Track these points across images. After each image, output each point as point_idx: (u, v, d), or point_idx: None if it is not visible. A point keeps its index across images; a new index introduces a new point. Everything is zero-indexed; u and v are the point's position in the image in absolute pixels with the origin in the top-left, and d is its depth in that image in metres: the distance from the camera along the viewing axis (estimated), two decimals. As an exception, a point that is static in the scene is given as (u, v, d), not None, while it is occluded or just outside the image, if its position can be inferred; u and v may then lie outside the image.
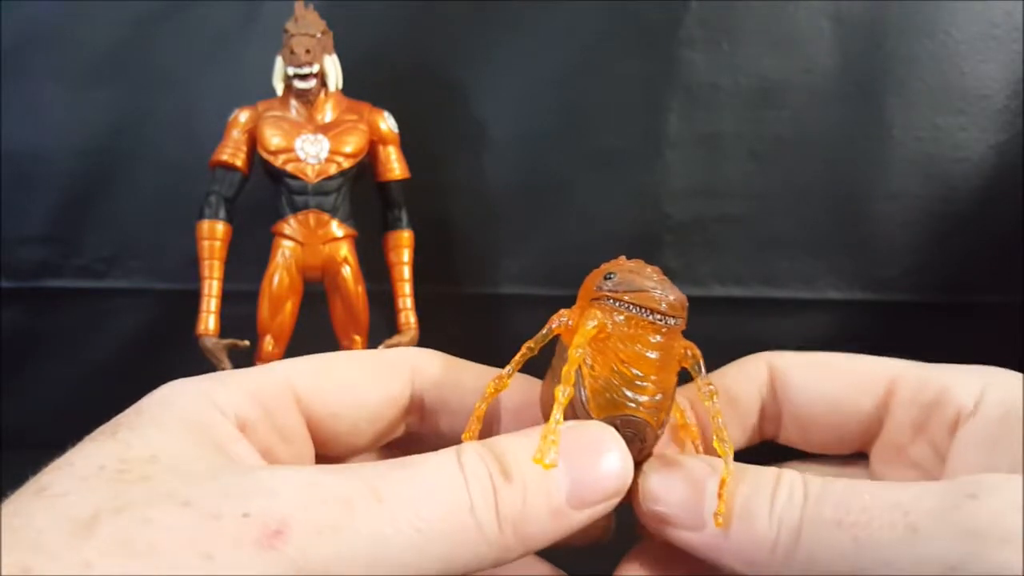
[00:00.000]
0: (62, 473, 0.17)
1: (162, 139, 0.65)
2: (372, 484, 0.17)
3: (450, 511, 0.17)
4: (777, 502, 0.19)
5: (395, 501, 0.17)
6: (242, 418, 0.20)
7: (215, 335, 0.53)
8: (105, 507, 0.16)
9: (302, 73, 0.53)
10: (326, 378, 0.23)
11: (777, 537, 0.19)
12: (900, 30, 0.62)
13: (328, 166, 0.54)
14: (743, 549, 0.19)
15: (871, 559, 0.17)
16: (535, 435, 0.19)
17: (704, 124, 0.64)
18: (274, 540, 0.16)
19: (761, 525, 0.19)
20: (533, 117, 0.65)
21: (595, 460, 0.20)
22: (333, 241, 0.54)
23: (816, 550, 0.18)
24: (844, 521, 0.18)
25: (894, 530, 0.17)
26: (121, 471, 0.17)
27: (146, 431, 0.18)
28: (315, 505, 0.16)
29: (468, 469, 0.18)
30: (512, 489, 0.18)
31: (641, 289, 0.22)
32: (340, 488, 0.17)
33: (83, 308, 0.67)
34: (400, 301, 0.57)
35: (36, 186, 0.65)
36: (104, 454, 0.18)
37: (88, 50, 0.64)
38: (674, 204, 0.65)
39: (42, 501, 0.16)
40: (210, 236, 0.54)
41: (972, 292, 0.66)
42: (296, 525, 0.16)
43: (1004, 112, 0.63)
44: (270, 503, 0.16)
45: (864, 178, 0.65)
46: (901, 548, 0.17)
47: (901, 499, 0.18)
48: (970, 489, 0.17)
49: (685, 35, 0.63)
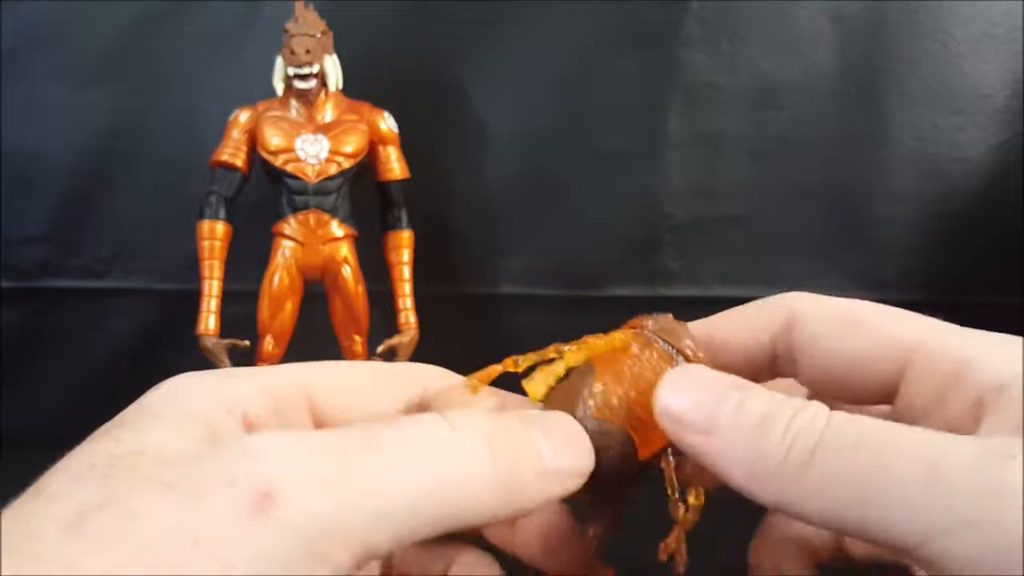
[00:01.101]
0: (57, 475, 0.17)
1: (162, 139, 0.65)
2: (364, 434, 0.17)
3: (450, 461, 0.17)
4: (795, 422, 0.18)
5: (389, 444, 0.17)
6: (251, 415, 0.20)
7: (215, 335, 0.53)
8: (90, 504, 0.16)
9: (302, 73, 0.53)
10: (339, 384, 0.23)
11: (787, 453, 0.18)
12: (900, 30, 0.62)
13: (328, 166, 0.54)
14: (748, 459, 0.19)
15: (884, 492, 0.17)
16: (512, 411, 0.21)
17: (704, 124, 0.64)
18: (264, 504, 0.15)
19: (774, 439, 0.18)
20: (533, 117, 0.65)
21: (567, 436, 0.21)
22: (333, 241, 0.54)
23: (827, 473, 0.18)
24: (864, 448, 0.17)
25: (917, 468, 0.17)
26: (110, 466, 0.17)
27: (140, 427, 0.18)
28: (305, 457, 0.16)
29: (459, 424, 0.18)
30: (503, 444, 0.18)
31: (679, 336, 0.24)
32: (331, 438, 0.16)
33: (83, 308, 0.67)
34: (400, 301, 0.57)
35: (36, 186, 0.65)
36: (96, 452, 0.17)
37: (88, 50, 0.64)
38: (674, 204, 0.65)
39: (37, 504, 0.16)
40: (210, 236, 0.54)
41: (972, 292, 0.66)
42: (287, 482, 0.15)
43: (1004, 112, 0.63)
44: (256, 464, 0.15)
45: (864, 178, 0.65)
46: (920, 487, 0.17)
47: (934, 441, 0.17)
48: (1006, 448, 0.17)
49: (685, 35, 0.63)
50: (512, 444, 0.19)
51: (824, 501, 0.18)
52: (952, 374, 0.20)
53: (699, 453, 0.20)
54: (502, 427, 0.19)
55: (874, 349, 0.22)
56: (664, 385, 0.21)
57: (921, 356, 0.21)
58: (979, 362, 0.20)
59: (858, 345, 0.22)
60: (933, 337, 0.21)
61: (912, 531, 0.17)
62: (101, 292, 0.67)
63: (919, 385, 0.21)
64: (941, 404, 0.20)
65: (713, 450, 0.19)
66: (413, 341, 0.56)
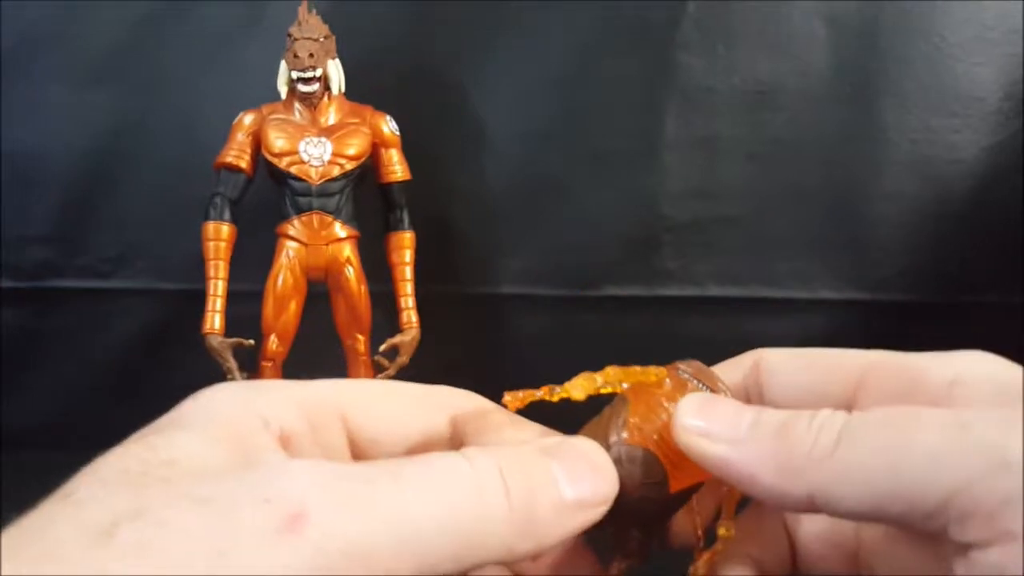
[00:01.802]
0: (87, 479, 0.17)
1: (166, 140, 0.65)
2: (391, 467, 0.17)
3: (462, 490, 0.18)
4: (817, 418, 0.20)
5: (414, 479, 0.17)
6: (287, 430, 0.20)
7: (220, 334, 0.54)
8: (124, 512, 0.16)
9: (305, 76, 0.53)
10: (373, 405, 0.23)
11: (815, 441, 0.19)
12: (895, 33, 0.63)
13: (331, 168, 0.54)
14: (775, 457, 0.20)
15: (914, 448, 0.18)
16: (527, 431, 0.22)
17: (701, 126, 0.65)
18: (295, 524, 0.15)
19: (799, 433, 0.19)
20: (533, 119, 0.65)
21: (588, 465, 0.21)
22: (336, 242, 0.55)
23: (857, 450, 0.18)
24: (892, 421, 0.18)
25: (944, 425, 0.18)
26: (142, 474, 0.17)
27: (174, 435, 0.18)
28: (335, 483, 0.16)
29: (476, 461, 0.18)
30: (519, 474, 0.19)
31: (713, 378, 0.25)
32: (359, 469, 0.17)
33: (87, 308, 0.68)
34: (402, 301, 0.57)
35: (39, 187, 0.66)
36: (129, 458, 0.18)
37: (91, 52, 0.64)
38: (672, 205, 0.66)
39: (66, 508, 0.16)
40: (215, 237, 0.54)
41: (967, 292, 0.66)
42: (316, 506, 0.16)
43: (998, 114, 0.64)
44: (289, 486, 0.16)
45: (860, 179, 0.65)
46: (948, 437, 0.17)
47: (952, 412, 0.18)
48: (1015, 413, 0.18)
49: (682, 38, 0.63)
50: (527, 478, 0.19)
51: (856, 478, 0.18)
52: (904, 388, 0.21)
53: (723, 464, 0.20)
54: (518, 460, 0.19)
55: (829, 375, 0.24)
56: (682, 408, 0.21)
57: (872, 376, 0.22)
58: (928, 369, 0.21)
59: (813, 374, 0.24)
60: (883, 359, 0.23)
61: (949, 480, 0.17)
62: (106, 292, 0.67)
63: (873, 400, 0.22)
64: None
65: (739, 457, 0.20)
66: (415, 340, 0.57)
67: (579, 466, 0.20)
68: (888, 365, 0.22)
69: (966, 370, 0.20)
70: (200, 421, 0.19)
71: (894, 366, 0.22)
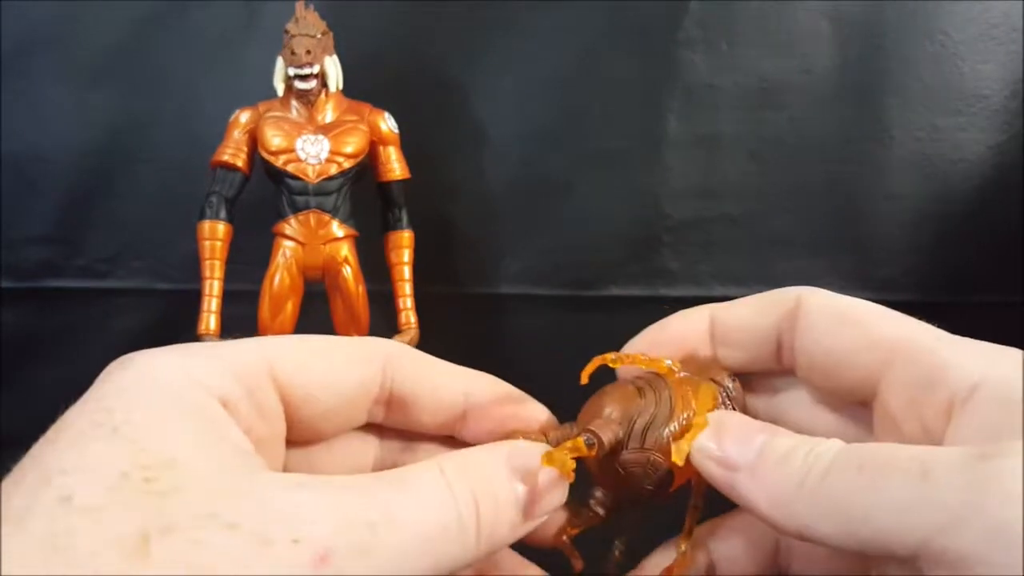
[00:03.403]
0: (83, 479, 0.17)
1: (163, 140, 0.65)
2: (387, 508, 0.19)
3: (445, 527, 0.20)
4: (813, 452, 0.21)
5: (406, 521, 0.19)
6: (225, 397, 0.21)
7: (216, 335, 0.53)
8: (151, 527, 0.16)
9: (303, 74, 0.53)
10: (304, 359, 0.23)
11: (804, 479, 0.20)
12: (899, 31, 0.62)
13: (328, 166, 0.54)
14: (772, 487, 0.21)
15: (882, 498, 0.19)
16: (501, 450, 0.23)
17: (703, 125, 0.64)
18: (320, 565, 0.17)
19: (794, 467, 0.21)
20: (533, 117, 0.65)
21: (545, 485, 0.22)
22: (334, 241, 0.55)
23: (836, 492, 0.20)
24: (866, 466, 0.19)
25: (908, 475, 0.19)
26: (147, 480, 0.17)
27: (150, 427, 0.18)
28: (347, 529, 0.18)
29: (455, 488, 0.20)
30: (488, 505, 0.21)
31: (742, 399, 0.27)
32: (364, 512, 0.19)
33: (85, 308, 0.68)
34: (400, 301, 0.57)
35: (38, 186, 0.66)
36: (120, 457, 0.18)
37: (90, 51, 0.64)
38: (673, 204, 0.66)
39: (78, 516, 0.16)
40: (211, 236, 0.54)
41: (971, 291, 0.66)
42: (336, 549, 0.18)
43: (1003, 112, 0.63)
44: (313, 529, 0.18)
45: (863, 178, 0.65)
46: (911, 490, 0.18)
47: (920, 453, 0.19)
48: (984, 450, 0.18)
49: (684, 36, 0.63)
50: (495, 507, 0.21)
51: (837, 518, 0.20)
52: (927, 378, 0.22)
53: (730, 486, 0.22)
54: (489, 487, 0.21)
55: (858, 346, 0.24)
56: (704, 434, 0.23)
57: (900, 361, 0.23)
58: (952, 366, 0.21)
59: (845, 340, 0.24)
60: (913, 340, 0.23)
61: (913, 534, 0.18)
62: (103, 292, 0.67)
63: (896, 387, 0.23)
64: (916, 405, 0.22)
65: (740, 484, 0.22)
66: (413, 341, 0.56)
67: (538, 488, 0.22)
68: (917, 352, 0.22)
69: (991, 375, 0.20)
70: (160, 403, 0.19)
71: (922, 355, 0.22)
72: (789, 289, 0.26)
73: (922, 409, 0.22)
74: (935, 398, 0.21)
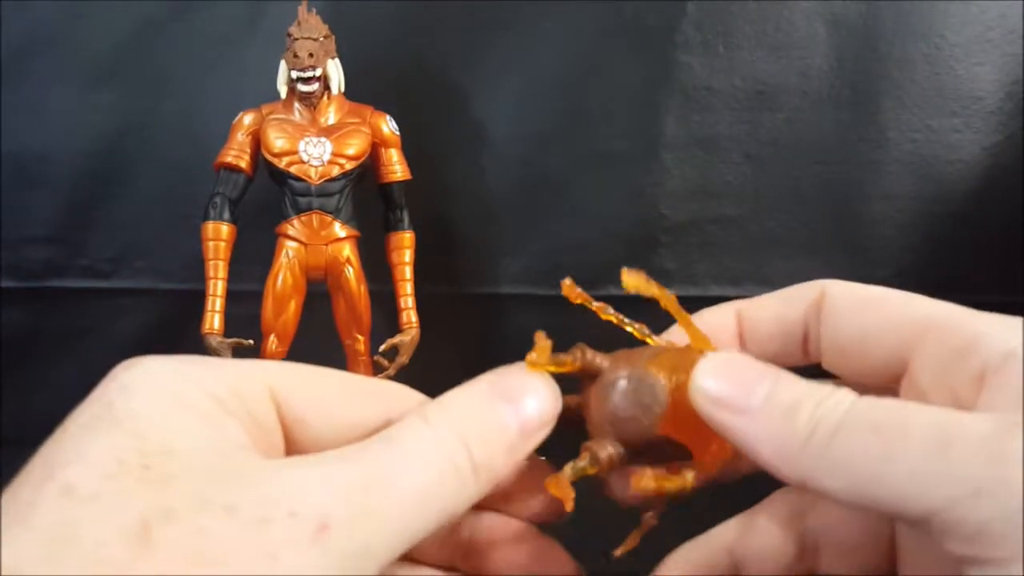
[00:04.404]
0: (82, 469, 0.17)
1: (167, 141, 0.65)
2: (380, 468, 0.19)
3: (441, 474, 0.20)
4: (822, 406, 0.20)
5: (400, 478, 0.19)
6: (219, 399, 0.20)
7: (220, 334, 0.54)
8: (151, 513, 0.16)
9: (305, 76, 0.53)
10: (306, 391, 0.23)
11: (812, 434, 0.19)
12: (895, 33, 0.63)
13: (331, 168, 0.54)
14: (777, 439, 0.20)
15: (900, 469, 0.18)
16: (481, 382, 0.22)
17: (700, 126, 0.65)
18: (322, 534, 0.17)
19: (800, 420, 0.20)
20: (532, 119, 0.65)
21: (532, 395, 0.22)
22: (336, 242, 0.55)
23: (847, 453, 0.19)
24: (880, 428, 0.19)
25: (926, 444, 0.18)
26: (144, 467, 0.17)
27: (149, 417, 0.19)
28: (344, 496, 0.18)
29: (441, 433, 0.20)
30: (477, 441, 0.20)
31: None
32: (357, 477, 0.19)
33: (87, 308, 0.68)
34: (402, 301, 0.58)
35: (41, 187, 0.66)
36: (118, 447, 0.18)
37: (93, 53, 0.64)
38: (671, 205, 0.66)
39: (80, 506, 0.16)
40: (215, 237, 0.55)
41: (967, 292, 0.65)
42: (336, 517, 0.18)
43: (998, 114, 0.64)
44: (310, 500, 0.18)
45: (859, 179, 0.65)
46: (929, 461, 0.18)
47: (941, 419, 0.18)
48: (1013, 421, 0.18)
49: (682, 38, 0.63)
50: (486, 438, 0.21)
51: (844, 478, 0.19)
52: (960, 347, 0.21)
53: (730, 430, 0.21)
54: (475, 420, 0.21)
55: (887, 324, 0.23)
56: (701, 367, 0.22)
57: (932, 332, 0.22)
58: (986, 335, 0.21)
59: (873, 320, 0.24)
60: (944, 315, 0.22)
61: (926, 503, 0.18)
62: (106, 292, 0.67)
63: (928, 359, 0.22)
64: (948, 375, 0.21)
65: (745, 429, 0.21)
66: (414, 340, 0.57)
67: (525, 398, 0.22)
68: (949, 323, 0.22)
69: (1019, 348, 0.20)
70: (157, 396, 0.19)
71: (954, 326, 0.22)
72: (812, 282, 0.26)
73: (953, 379, 0.21)
74: (967, 365, 0.20)
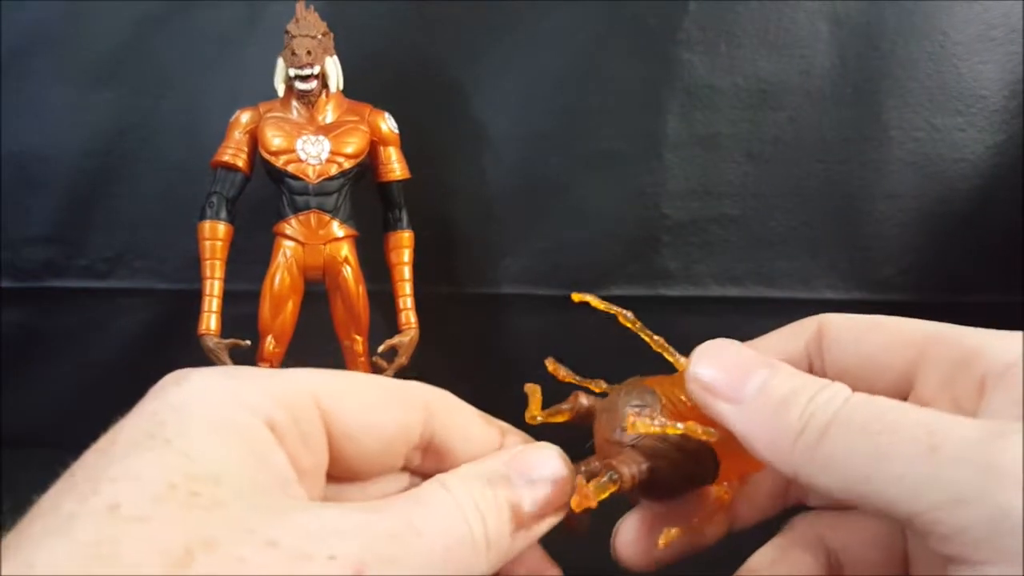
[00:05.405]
0: (131, 488, 0.17)
1: (164, 140, 0.65)
2: (408, 521, 0.20)
3: (461, 537, 0.20)
4: (815, 401, 0.20)
5: (426, 532, 0.20)
6: (273, 422, 0.21)
7: (217, 335, 0.53)
8: (194, 541, 0.16)
9: (303, 74, 0.53)
10: (349, 399, 0.23)
11: (803, 430, 0.20)
12: (898, 31, 0.63)
13: (329, 167, 0.54)
14: (769, 432, 0.20)
15: (885, 469, 0.18)
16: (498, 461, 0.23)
17: (702, 125, 0.64)
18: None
19: (792, 415, 0.20)
20: (533, 118, 0.65)
21: (545, 481, 0.23)
22: (334, 241, 0.55)
23: (837, 451, 0.19)
24: (870, 428, 0.19)
25: (915, 446, 0.18)
26: (193, 493, 0.17)
27: (201, 442, 0.19)
28: (376, 543, 0.19)
29: (466, 506, 0.21)
30: (495, 516, 0.21)
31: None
32: (389, 526, 0.20)
33: (86, 308, 0.68)
34: (400, 301, 0.57)
35: (40, 187, 0.66)
36: (170, 469, 0.18)
37: (91, 52, 0.64)
38: (672, 205, 0.66)
39: (124, 525, 0.16)
40: (211, 236, 0.54)
41: (970, 292, 0.66)
42: (368, 562, 0.18)
43: (1002, 112, 0.63)
44: (348, 544, 0.18)
45: (862, 178, 0.65)
46: (916, 465, 0.18)
47: (930, 421, 0.18)
48: (1002, 429, 0.18)
49: (684, 37, 0.63)
50: (500, 518, 0.21)
51: (834, 475, 0.19)
52: (961, 358, 0.22)
53: (724, 419, 0.22)
54: (494, 501, 0.22)
55: (890, 345, 0.24)
56: (698, 353, 0.22)
57: (934, 348, 0.23)
58: (988, 346, 0.21)
59: (874, 345, 0.24)
60: (944, 331, 0.23)
61: (911, 504, 0.18)
62: (104, 292, 0.67)
63: (931, 373, 0.23)
64: (950, 386, 0.22)
65: (737, 419, 0.21)
66: (413, 341, 0.57)
67: (542, 485, 0.22)
68: (949, 338, 0.23)
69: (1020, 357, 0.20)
70: (210, 422, 0.19)
71: (955, 340, 0.22)
72: (809, 318, 0.27)
73: (956, 389, 0.21)
74: (969, 375, 0.21)
